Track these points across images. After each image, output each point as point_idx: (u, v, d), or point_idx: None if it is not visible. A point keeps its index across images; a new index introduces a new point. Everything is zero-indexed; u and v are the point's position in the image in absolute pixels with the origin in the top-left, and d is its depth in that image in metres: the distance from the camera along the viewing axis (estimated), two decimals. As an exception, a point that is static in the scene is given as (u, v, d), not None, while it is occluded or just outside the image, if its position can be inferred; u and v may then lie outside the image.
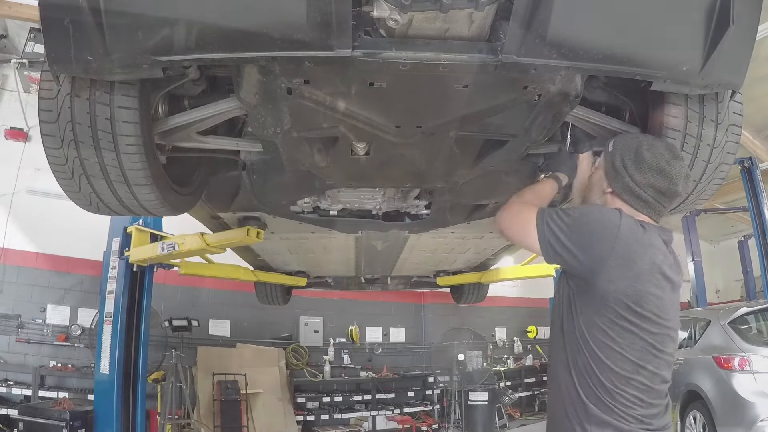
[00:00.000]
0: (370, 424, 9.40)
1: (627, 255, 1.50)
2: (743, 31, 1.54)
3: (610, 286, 1.49)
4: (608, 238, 1.51)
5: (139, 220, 5.28)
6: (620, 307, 1.49)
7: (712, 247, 16.64)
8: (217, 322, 9.05)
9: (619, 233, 1.51)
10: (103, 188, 1.89)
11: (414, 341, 11.03)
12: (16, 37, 7.74)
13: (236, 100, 1.80)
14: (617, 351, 1.49)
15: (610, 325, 1.50)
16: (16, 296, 7.59)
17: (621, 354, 1.49)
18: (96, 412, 5.42)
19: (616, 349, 1.49)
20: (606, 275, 1.49)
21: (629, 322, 1.49)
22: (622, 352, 1.49)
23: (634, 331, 1.50)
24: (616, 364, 1.49)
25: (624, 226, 1.53)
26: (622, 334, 1.50)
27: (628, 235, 1.52)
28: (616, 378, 1.49)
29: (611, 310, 1.50)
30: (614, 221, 1.53)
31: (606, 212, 1.59)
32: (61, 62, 1.47)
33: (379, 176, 2.34)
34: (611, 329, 1.50)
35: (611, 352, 1.50)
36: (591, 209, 1.64)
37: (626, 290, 1.49)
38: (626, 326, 1.50)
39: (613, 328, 1.50)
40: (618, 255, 1.49)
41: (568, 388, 1.56)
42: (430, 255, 4.67)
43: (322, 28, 1.30)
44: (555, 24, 1.33)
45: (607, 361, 1.49)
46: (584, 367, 1.53)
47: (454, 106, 1.72)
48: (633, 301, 1.49)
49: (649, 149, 1.63)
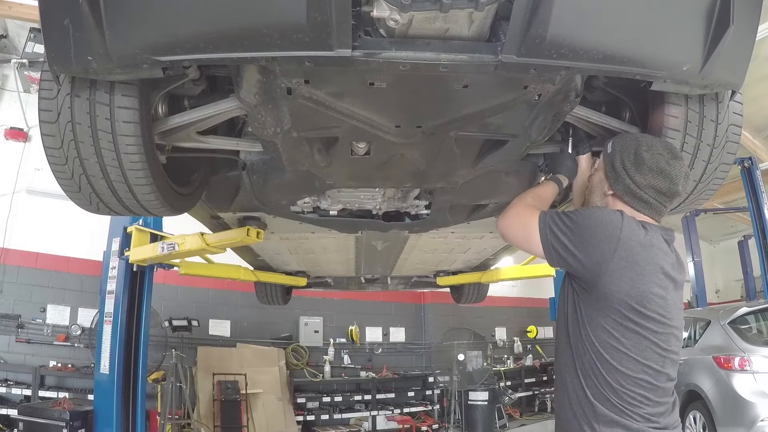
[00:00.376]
0: (370, 424, 9.40)
1: (629, 257, 1.51)
2: (743, 31, 1.54)
3: (613, 287, 1.50)
4: (610, 240, 1.51)
5: (139, 220, 5.28)
6: (624, 308, 1.50)
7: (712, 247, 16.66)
8: (217, 322, 9.05)
9: (621, 235, 1.51)
10: (103, 188, 1.89)
11: (414, 341, 11.04)
12: (16, 37, 7.75)
13: (236, 100, 1.80)
14: (622, 351, 1.50)
15: (614, 326, 1.51)
16: (16, 296, 7.59)
17: (626, 354, 1.50)
18: (96, 412, 5.42)
19: (621, 350, 1.50)
20: (609, 277, 1.50)
21: (633, 323, 1.50)
22: (627, 352, 1.50)
23: (639, 332, 1.50)
24: (621, 363, 1.50)
25: (626, 228, 1.53)
26: (626, 334, 1.50)
27: (630, 237, 1.52)
28: (622, 378, 1.50)
29: (615, 311, 1.51)
30: (616, 223, 1.54)
31: (608, 214, 1.59)
32: (61, 62, 1.47)
33: (379, 176, 2.34)
34: (616, 330, 1.51)
35: (616, 352, 1.50)
36: (593, 211, 1.63)
37: (629, 291, 1.50)
38: (630, 327, 1.50)
39: (617, 328, 1.51)
40: (620, 257, 1.50)
41: (575, 389, 1.57)
42: (430, 255, 4.67)
43: (322, 28, 1.30)
44: (555, 24, 1.33)
45: (613, 362, 1.50)
46: (590, 368, 1.53)
47: (454, 106, 1.72)
48: (637, 302, 1.50)
49: (648, 150, 1.64)
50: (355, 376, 9.93)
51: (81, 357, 7.57)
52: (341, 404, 9.48)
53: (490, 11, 1.37)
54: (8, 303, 7.50)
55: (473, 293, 6.42)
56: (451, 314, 10.98)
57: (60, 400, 6.06)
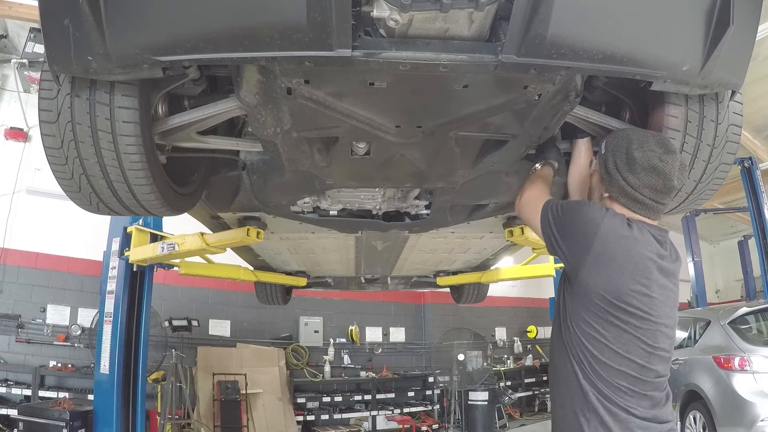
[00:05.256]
0: (370, 424, 9.40)
1: (607, 252, 1.54)
2: (743, 31, 1.54)
3: (590, 281, 1.55)
4: (587, 234, 1.56)
5: (139, 220, 5.28)
6: (602, 302, 1.54)
7: (712, 247, 16.66)
8: (217, 322, 9.05)
9: (599, 231, 1.55)
10: (103, 188, 1.89)
11: (414, 341, 11.04)
12: (16, 37, 7.74)
13: (236, 100, 1.80)
14: (603, 343, 1.54)
15: (595, 318, 1.55)
16: (16, 296, 7.59)
17: (607, 345, 1.54)
18: (96, 412, 5.42)
19: (602, 341, 1.54)
20: (587, 270, 1.55)
21: (613, 317, 1.54)
22: (608, 344, 1.54)
23: (619, 325, 1.54)
24: (603, 354, 1.54)
25: (606, 224, 1.56)
26: (606, 327, 1.54)
27: (609, 233, 1.55)
28: (604, 368, 1.53)
29: (594, 305, 1.55)
30: (596, 220, 1.57)
31: (592, 210, 1.62)
32: (61, 62, 1.47)
33: (379, 176, 2.34)
34: (596, 322, 1.55)
35: (598, 343, 1.55)
36: (581, 204, 1.67)
37: (606, 287, 1.53)
38: (611, 320, 1.54)
39: (597, 321, 1.55)
40: (597, 252, 1.54)
41: (567, 378, 1.60)
42: (430, 255, 4.67)
43: (322, 28, 1.30)
44: (555, 24, 1.33)
45: (595, 351, 1.54)
46: (581, 356, 1.57)
47: (454, 106, 1.72)
48: (615, 298, 1.53)
49: (639, 147, 1.62)
50: (355, 376, 9.93)
51: (81, 357, 7.56)
52: (341, 404, 9.47)
53: (490, 11, 1.37)
54: (8, 303, 7.49)
55: (473, 293, 6.42)
56: (451, 314, 10.99)
57: (60, 400, 6.06)
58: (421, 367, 10.78)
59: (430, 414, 10.28)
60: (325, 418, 9.13)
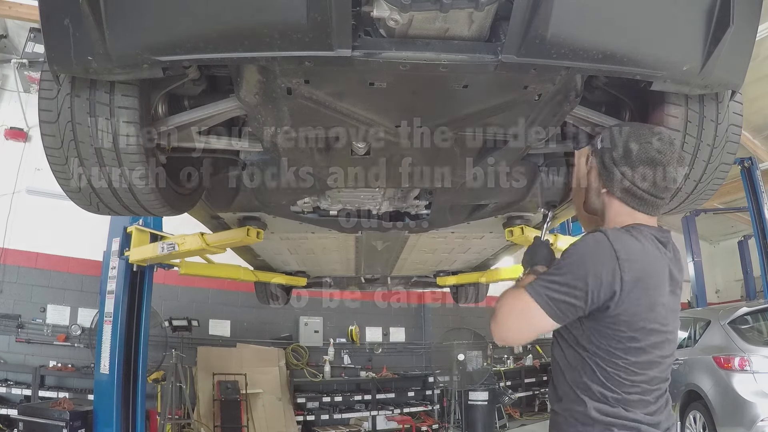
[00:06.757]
0: (370, 424, 9.40)
1: (634, 277, 1.46)
2: (743, 31, 1.53)
3: (620, 309, 1.46)
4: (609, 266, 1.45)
5: (139, 220, 5.27)
6: (630, 329, 1.47)
7: (712, 247, 16.65)
8: (217, 322, 9.05)
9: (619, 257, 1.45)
10: (103, 188, 1.89)
11: (414, 341, 11.03)
12: (16, 37, 7.75)
13: (236, 100, 1.80)
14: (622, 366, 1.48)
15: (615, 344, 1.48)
16: (16, 296, 7.59)
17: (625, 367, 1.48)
18: (96, 412, 5.42)
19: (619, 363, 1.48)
20: (618, 300, 1.45)
21: (636, 341, 1.48)
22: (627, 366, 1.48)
23: (642, 347, 1.48)
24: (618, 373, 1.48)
25: (620, 249, 1.46)
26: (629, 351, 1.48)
27: (628, 256, 1.47)
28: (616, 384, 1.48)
29: (617, 331, 1.47)
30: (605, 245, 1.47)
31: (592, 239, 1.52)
32: (61, 62, 1.47)
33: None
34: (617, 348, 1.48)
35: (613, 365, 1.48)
36: (576, 248, 1.54)
37: (638, 311, 1.46)
38: (632, 345, 1.47)
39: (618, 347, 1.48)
40: (627, 281, 1.45)
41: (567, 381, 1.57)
42: (430, 255, 4.67)
43: (322, 28, 1.30)
44: (555, 24, 1.33)
45: (608, 369, 1.48)
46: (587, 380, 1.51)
47: (454, 107, 1.72)
48: (641, 318, 1.47)
49: (635, 140, 1.57)
50: (355, 376, 9.92)
51: (81, 357, 7.56)
52: (341, 404, 9.47)
53: (490, 11, 1.37)
54: (8, 303, 7.50)
55: (473, 293, 6.42)
56: (451, 314, 10.97)
57: (60, 400, 6.06)
58: (421, 367, 10.78)
59: (430, 414, 10.27)
60: (325, 418, 9.12)
